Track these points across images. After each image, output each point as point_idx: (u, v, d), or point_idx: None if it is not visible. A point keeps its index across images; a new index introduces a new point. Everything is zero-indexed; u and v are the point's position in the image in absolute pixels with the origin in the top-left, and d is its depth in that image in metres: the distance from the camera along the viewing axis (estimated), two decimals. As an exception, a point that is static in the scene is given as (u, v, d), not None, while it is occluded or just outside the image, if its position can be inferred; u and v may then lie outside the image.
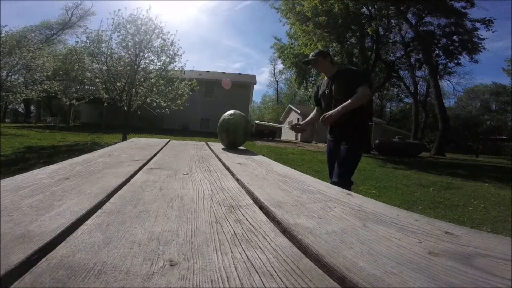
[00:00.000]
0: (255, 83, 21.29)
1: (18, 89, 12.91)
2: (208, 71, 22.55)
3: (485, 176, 7.42)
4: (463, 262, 0.33)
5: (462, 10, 13.09)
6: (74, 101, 10.36)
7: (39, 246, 0.32)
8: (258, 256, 0.34)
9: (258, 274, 0.30)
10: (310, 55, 2.60)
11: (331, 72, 2.49)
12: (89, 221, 0.42)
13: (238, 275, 0.29)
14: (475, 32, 13.61)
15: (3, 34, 12.73)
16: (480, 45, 13.66)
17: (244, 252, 0.35)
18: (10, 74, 13.01)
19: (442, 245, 0.38)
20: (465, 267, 0.32)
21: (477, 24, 13.51)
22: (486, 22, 13.29)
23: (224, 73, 23.53)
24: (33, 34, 15.03)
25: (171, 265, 0.30)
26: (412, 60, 17.13)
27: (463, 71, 29.29)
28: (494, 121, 36.52)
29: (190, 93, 10.01)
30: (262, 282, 0.28)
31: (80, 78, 12.26)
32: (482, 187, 5.66)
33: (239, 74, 24.34)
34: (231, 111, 1.85)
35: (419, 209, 3.59)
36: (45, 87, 13.60)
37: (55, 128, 15.31)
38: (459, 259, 0.33)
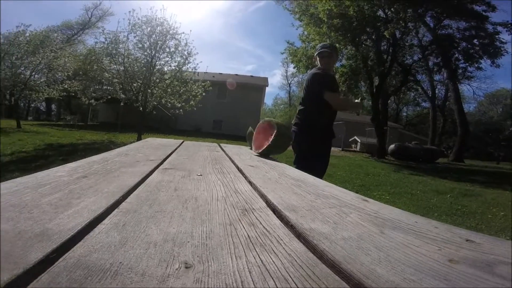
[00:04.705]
0: (267, 86, 21.33)
1: (41, 88, 13.39)
2: (221, 73, 22.75)
3: (507, 183, 7.12)
4: (485, 270, 0.32)
5: (483, 13, 12.64)
6: (92, 100, 10.63)
7: (57, 245, 0.33)
8: (273, 261, 0.33)
9: (272, 279, 0.29)
10: (323, 46, 2.28)
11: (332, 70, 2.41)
12: (106, 221, 0.43)
13: (252, 279, 0.29)
14: (496, 36, 13.11)
15: (27, 34, 13.15)
16: (502, 49, 13.13)
17: (258, 256, 0.35)
18: (33, 73, 13.50)
19: (462, 253, 0.36)
20: (487, 275, 0.30)
21: (499, 28, 13.01)
22: (509, 25, 12.78)
23: (236, 75, 23.66)
24: (55, 34, 15.42)
25: (186, 268, 0.30)
26: (430, 64, 16.66)
27: (484, 75, 28.08)
28: (517, 127, 35.08)
29: (204, 93, 10.12)
30: (277, 287, 0.28)
31: (98, 78, 12.60)
32: (502, 194, 5.44)
33: (251, 76, 24.40)
34: (267, 119, 1.68)
35: (434, 216, 3.48)
36: (66, 86, 14.08)
37: (74, 126, 15.77)
38: (480, 267, 0.32)
